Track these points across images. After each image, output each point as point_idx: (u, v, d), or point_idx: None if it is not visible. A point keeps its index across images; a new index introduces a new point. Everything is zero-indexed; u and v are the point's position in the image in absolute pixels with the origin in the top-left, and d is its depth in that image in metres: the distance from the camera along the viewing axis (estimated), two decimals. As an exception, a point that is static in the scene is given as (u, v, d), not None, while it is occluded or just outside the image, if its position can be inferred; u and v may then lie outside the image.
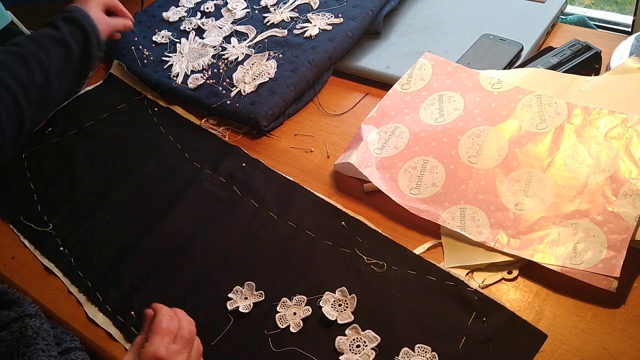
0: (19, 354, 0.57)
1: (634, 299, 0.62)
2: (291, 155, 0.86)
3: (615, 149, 0.69)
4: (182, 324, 0.60)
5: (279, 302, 0.69)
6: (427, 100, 0.82)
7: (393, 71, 0.91)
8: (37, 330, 0.59)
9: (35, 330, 0.59)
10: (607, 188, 0.67)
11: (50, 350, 0.59)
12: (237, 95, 0.91)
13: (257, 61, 0.95)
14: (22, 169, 0.92)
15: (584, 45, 0.82)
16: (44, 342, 0.59)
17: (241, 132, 0.91)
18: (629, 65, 0.75)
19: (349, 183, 0.80)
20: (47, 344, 0.59)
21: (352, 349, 0.63)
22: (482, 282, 0.66)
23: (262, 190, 0.81)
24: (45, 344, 0.59)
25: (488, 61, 0.86)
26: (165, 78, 0.99)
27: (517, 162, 0.72)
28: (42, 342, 0.59)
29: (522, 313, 0.63)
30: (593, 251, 0.63)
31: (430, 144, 0.77)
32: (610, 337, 0.60)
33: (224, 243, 0.76)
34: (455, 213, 0.71)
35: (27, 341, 0.58)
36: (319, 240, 0.74)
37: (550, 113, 0.74)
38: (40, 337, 0.59)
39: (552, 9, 0.93)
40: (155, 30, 1.08)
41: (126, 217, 0.83)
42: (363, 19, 0.95)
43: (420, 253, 0.70)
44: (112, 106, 1.00)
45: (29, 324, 0.59)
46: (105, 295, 0.74)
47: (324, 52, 0.92)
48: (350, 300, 0.67)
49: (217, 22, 1.05)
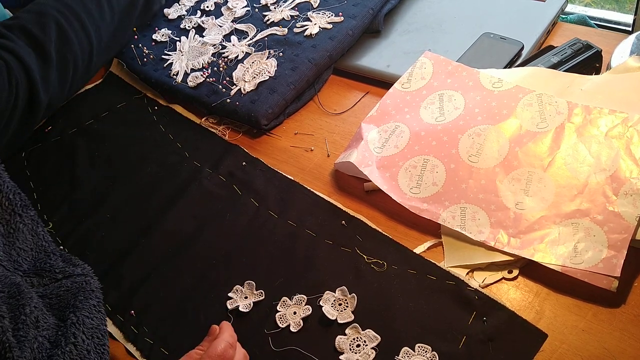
0: (75, 300, 0.62)
1: (634, 298, 0.62)
2: (291, 154, 0.86)
3: (615, 148, 0.69)
4: (238, 357, 0.60)
5: (279, 302, 0.69)
6: (427, 99, 0.82)
7: (393, 70, 0.91)
8: (94, 289, 0.65)
9: (93, 288, 0.65)
10: (608, 187, 0.66)
11: (99, 306, 0.64)
12: (237, 94, 0.91)
13: (257, 59, 0.95)
14: (22, 168, 0.92)
15: (585, 44, 0.82)
16: (97, 299, 0.64)
17: (241, 130, 0.91)
18: (629, 64, 0.75)
19: (349, 182, 0.80)
20: (99, 301, 0.64)
21: (352, 348, 0.63)
22: (483, 282, 0.66)
23: (262, 189, 0.81)
24: (97, 301, 0.64)
25: (488, 60, 0.86)
26: (165, 76, 0.99)
27: (517, 162, 0.72)
28: (95, 299, 0.64)
29: (522, 312, 0.63)
30: (593, 251, 0.63)
31: (430, 143, 0.77)
32: (610, 337, 0.60)
33: (224, 242, 0.76)
34: (455, 212, 0.71)
35: (86, 294, 0.64)
36: (319, 240, 0.73)
37: (550, 112, 0.74)
38: (95, 295, 0.65)
39: (552, 8, 0.93)
40: (155, 29, 1.08)
41: (126, 216, 0.82)
42: (363, 18, 0.95)
43: (420, 252, 0.70)
44: (111, 105, 1.00)
45: (90, 282, 0.65)
46: (105, 294, 0.73)
47: (324, 50, 0.92)
48: (351, 299, 0.67)
49: (217, 21, 1.05)
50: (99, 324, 0.62)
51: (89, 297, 0.63)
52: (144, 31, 1.08)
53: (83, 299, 0.63)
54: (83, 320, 0.60)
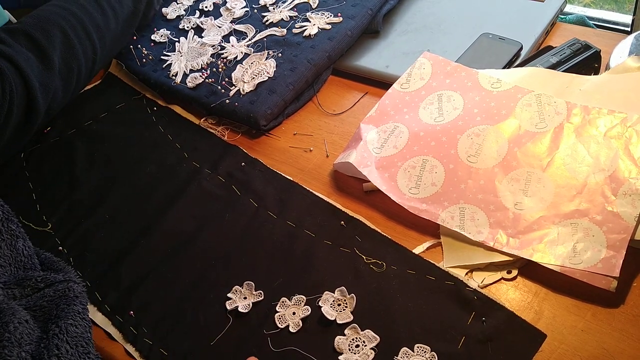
0: (58, 309, 0.61)
1: (633, 298, 0.62)
2: (290, 154, 0.86)
3: (614, 149, 0.69)
4: None
5: (278, 302, 0.69)
6: (426, 99, 0.82)
7: (392, 70, 0.91)
8: (77, 294, 0.64)
9: (77, 293, 0.64)
10: (607, 187, 0.67)
11: (84, 313, 0.63)
12: (236, 95, 0.91)
13: (256, 60, 0.95)
14: (21, 169, 0.92)
15: (584, 44, 0.82)
16: (82, 305, 0.63)
17: (240, 131, 0.91)
18: (628, 65, 0.75)
19: (348, 182, 0.80)
20: (84, 308, 0.63)
21: (351, 348, 0.63)
22: (482, 282, 0.66)
23: (261, 190, 0.81)
24: (82, 307, 0.63)
25: (487, 60, 0.86)
26: (164, 77, 0.99)
27: (516, 162, 0.72)
28: (79, 305, 0.63)
29: (521, 313, 0.63)
30: (592, 251, 0.63)
31: (429, 143, 0.77)
32: (609, 337, 0.60)
33: (223, 243, 0.76)
34: (454, 212, 0.71)
35: (69, 300, 0.62)
36: (318, 240, 0.73)
37: (549, 112, 0.74)
38: (79, 300, 0.63)
39: (551, 8, 0.93)
40: (154, 29, 1.08)
41: (125, 217, 0.82)
42: (362, 18, 0.95)
43: (419, 253, 0.70)
44: (110, 105, 1.00)
45: (73, 287, 0.64)
46: (104, 294, 0.74)
47: (323, 51, 0.92)
48: (350, 299, 0.67)
49: (216, 21, 1.05)
50: (83, 332, 0.61)
51: (72, 303, 0.62)
52: (142, 32, 1.08)
53: (66, 306, 0.61)
54: (67, 329, 0.59)
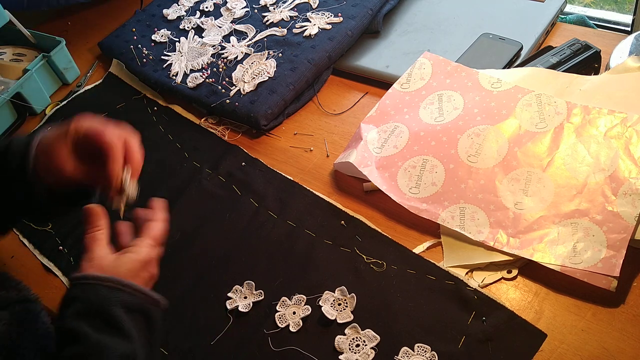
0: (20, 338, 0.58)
1: (633, 298, 0.62)
2: (291, 154, 0.86)
3: (614, 148, 0.69)
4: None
5: (278, 302, 0.69)
6: (426, 99, 0.82)
7: (393, 70, 0.91)
8: (36, 313, 0.61)
9: (35, 312, 0.61)
10: (607, 187, 0.67)
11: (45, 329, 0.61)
12: (236, 94, 0.91)
13: (256, 60, 0.95)
14: (21, 168, 0.92)
15: (584, 44, 0.82)
16: (42, 323, 0.61)
17: (241, 131, 0.91)
18: (628, 65, 0.75)
19: (349, 182, 0.80)
20: (44, 323, 0.61)
21: (351, 348, 0.63)
22: (482, 282, 0.66)
23: (261, 190, 0.81)
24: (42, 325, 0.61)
25: (488, 60, 0.86)
26: (165, 77, 0.99)
27: (516, 162, 0.72)
28: (40, 323, 0.61)
29: (521, 312, 0.63)
30: (593, 250, 0.63)
31: (429, 143, 0.77)
32: (609, 337, 0.60)
33: (223, 242, 0.76)
34: (454, 212, 0.71)
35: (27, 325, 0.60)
36: (319, 240, 0.73)
37: (549, 112, 0.74)
38: (40, 319, 0.61)
39: (551, 8, 0.93)
40: (155, 29, 1.08)
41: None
42: (362, 18, 0.95)
43: (419, 252, 0.70)
44: (111, 105, 1.00)
45: (29, 307, 0.62)
46: (105, 294, 0.74)
47: (324, 51, 0.92)
48: (350, 299, 0.67)
49: (217, 21, 1.05)
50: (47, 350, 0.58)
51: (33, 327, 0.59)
52: (143, 32, 1.08)
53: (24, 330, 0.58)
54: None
